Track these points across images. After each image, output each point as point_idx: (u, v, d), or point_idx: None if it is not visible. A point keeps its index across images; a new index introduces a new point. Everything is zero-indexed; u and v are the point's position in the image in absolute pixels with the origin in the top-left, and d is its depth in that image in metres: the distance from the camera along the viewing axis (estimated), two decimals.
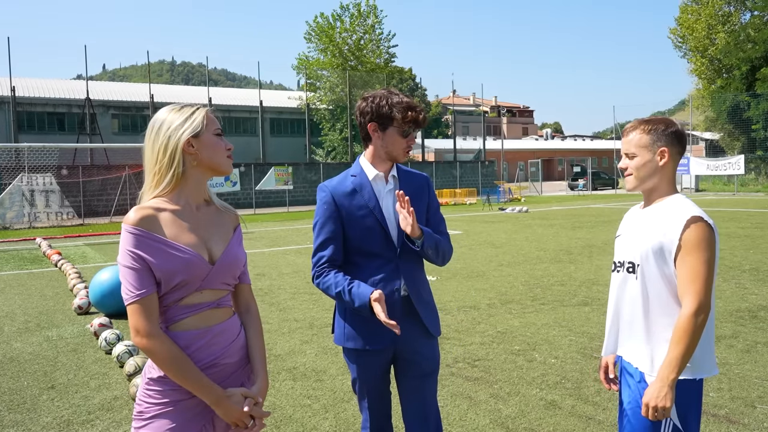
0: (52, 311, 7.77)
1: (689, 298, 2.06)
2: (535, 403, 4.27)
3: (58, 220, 23.70)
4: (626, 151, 2.27)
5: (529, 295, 7.86)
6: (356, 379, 2.60)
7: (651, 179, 2.25)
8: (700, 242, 2.08)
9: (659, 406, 2.06)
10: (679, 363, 2.06)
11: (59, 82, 44.22)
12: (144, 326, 1.80)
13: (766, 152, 37.13)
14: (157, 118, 1.94)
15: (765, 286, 7.98)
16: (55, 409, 4.43)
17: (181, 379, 1.83)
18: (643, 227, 2.23)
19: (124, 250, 1.83)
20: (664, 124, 2.24)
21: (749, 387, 4.44)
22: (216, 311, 1.95)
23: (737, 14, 41.52)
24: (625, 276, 2.28)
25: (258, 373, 2.03)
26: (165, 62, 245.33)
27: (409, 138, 2.51)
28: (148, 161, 1.93)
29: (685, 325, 2.05)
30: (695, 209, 2.14)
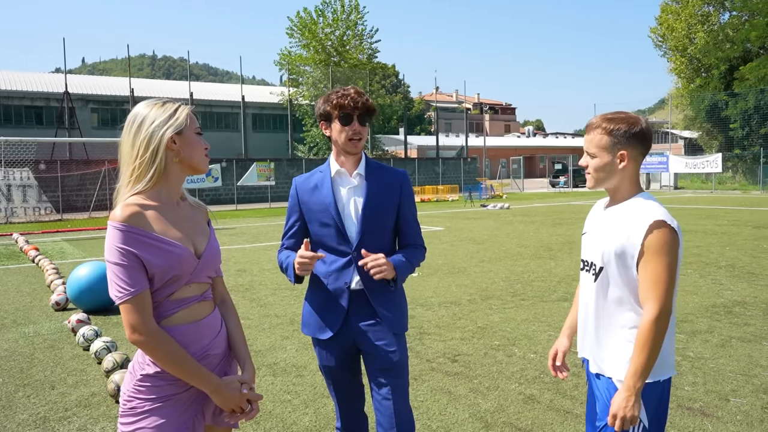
0: (28, 307, 7.67)
1: (651, 303, 2.03)
2: (514, 398, 4.31)
3: (36, 215, 23.36)
4: (587, 150, 2.22)
5: (509, 291, 7.91)
6: (320, 364, 2.70)
7: (610, 180, 2.20)
8: (663, 247, 2.03)
9: (627, 416, 2.03)
10: (643, 371, 2.04)
11: (37, 75, 43.54)
12: (141, 323, 1.80)
13: (743, 151, 37.72)
14: (139, 113, 1.93)
15: (740, 282, 8.12)
16: (31, 406, 4.38)
17: (181, 372, 1.85)
18: (606, 229, 2.18)
19: (114, 247, 1.80)
20: (627, 125, 2.15)
21: (723, 381, 4.51)
22: (202, 304, 1.99)
23: (716, 14, 42.02)
24: (589, 276, 2.25)
25: (245, 360, 2.08)
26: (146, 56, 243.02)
27: (350, 125, 2.50)
28: (126, 156, 1.92)
29: (648, 331, 2.02)
30: (659, 212, 2.08)
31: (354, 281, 2.53)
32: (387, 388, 2.57)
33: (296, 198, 2.63)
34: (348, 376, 2.68)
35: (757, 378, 4.54)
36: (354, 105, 2.48)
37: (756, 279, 8.28)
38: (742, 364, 4.85)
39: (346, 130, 2.50)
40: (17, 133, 31.06)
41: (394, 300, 2.60)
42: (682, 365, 4.87)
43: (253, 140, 41.90)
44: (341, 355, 2.62)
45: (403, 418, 2.58)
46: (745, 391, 4.31)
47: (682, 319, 6.21)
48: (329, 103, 2.52)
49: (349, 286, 2.53)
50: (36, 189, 23.64)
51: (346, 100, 2.48)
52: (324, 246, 2.58)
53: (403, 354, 2.62)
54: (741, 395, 4.23)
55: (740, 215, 18.34)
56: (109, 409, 4.28)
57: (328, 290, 2.56)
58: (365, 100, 2.51)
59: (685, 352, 5.18)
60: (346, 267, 2.54)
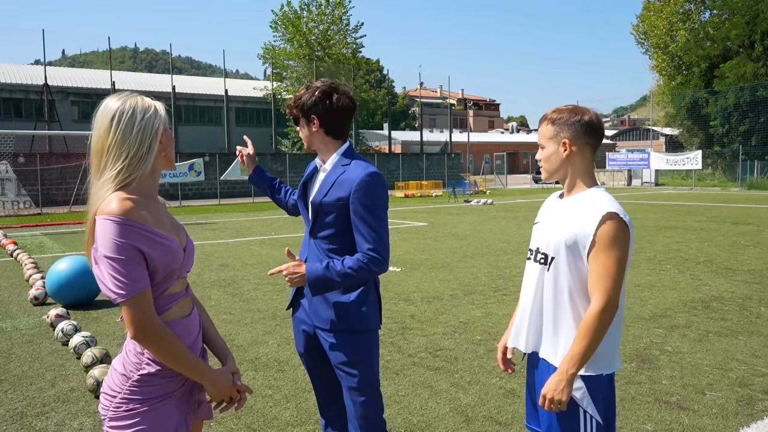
0: (6, 302, 7.57)
1: (597, 295, 2.04)
2: (495, 392, 4.33)
3: (15, 209, 23.06)
4: (539, 142, 2.24)
5: (491, 286, 7.96)
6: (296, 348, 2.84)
7: (559, 171, 2.22)
8: (614, 239, 2.03)
9: (555, 399, 2.05)
10: (580, 359, 2.04)
11: (16, 67, 42.83)
12: (149, 321, 1.75)
13: (723, 148, 38.21)
14: (125, 106, 1.84)
15: (718, 277, 8.23)
16: (8, 401, 4.33)
17: (184, 366, 1.84)
18: (559, 219, 2.18)
19: (113, 241, 1.71)
20: (569, 114, 2.16)
21: (700, 375, 4.58)
22: (187, 299, 1.99)
23: (697, 12, 42.46)
24: (538, 266, 2.23)
25: (226, 352, 2.10)
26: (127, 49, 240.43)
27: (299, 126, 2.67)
28: (114, 150, 1.81)
29: (591, 322, 2.03)
30: (612, 204, 2.07)
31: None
32: (344, 384, 2.62)
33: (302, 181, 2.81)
34: (319, 364, 2.72)
35: (733, 372, 4.62)
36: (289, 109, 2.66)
37: (733, 274, 8.40)
38: (718, 359, 4.93)
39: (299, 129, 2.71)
40: None
41: (333, 297, 2.54)
42: (660, 359, 4.93)
43: (236, 134, 41.59)
44: (306, 339, 2.71)
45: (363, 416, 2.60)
46: (721, 384, 4.38)
47: (660, 314, 6.29)
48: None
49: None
50: (15, 182, 23.35)
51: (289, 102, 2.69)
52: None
53: (354, 354, 2.56)
54: (717, 389, 4.30)
55: (719, 212, 18.59)
56: (87, 404, 4.24)
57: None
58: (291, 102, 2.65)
59: (663, 347, 5.25)
60: (304, 247, 2.70)
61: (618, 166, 38.70)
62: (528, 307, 2.28)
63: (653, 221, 15.78)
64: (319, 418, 3.88)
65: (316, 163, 2.72)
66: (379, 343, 2.72)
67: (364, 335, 2.59)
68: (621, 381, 4.41)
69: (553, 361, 2.18)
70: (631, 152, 40.13)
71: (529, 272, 2.31)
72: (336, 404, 2.77)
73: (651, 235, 12.89)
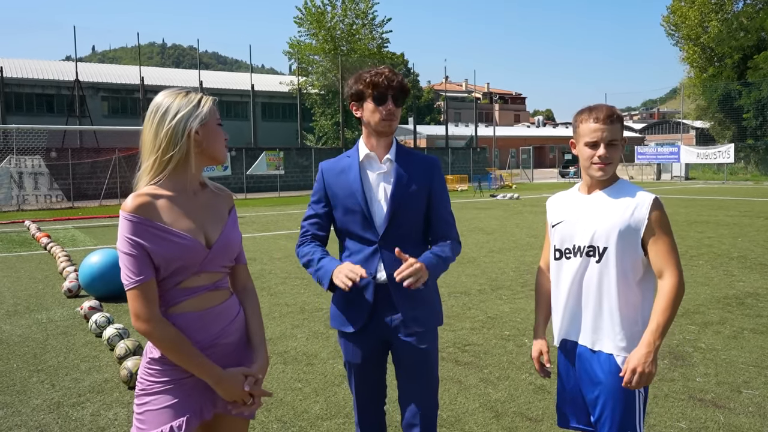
0: (41, 294, 7.74)
1: (670, 270, 2.17)
2: (525, 388, 4.30)
3: (47, 202, 23.54)
4: (611, 140, 2.22)
5: (519, 281, 7.90)
6: (345, 360, 2.62)
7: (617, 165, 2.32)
8: (666, 222, 2.21)
9: (646, 372, 2.11)
10: (663, 329, 2.13)
11: (48, 63, 43.64)
12: (144, 311, 1.84)
13: (756, 141, 37.34)
14: (163, 102, 1.93)
15: (752, 273, 8.06)
16: (45, 391, 4.43)
17: (182, 361, 1.88)
18: (604, 211, 2.24)
19: (123, 236, 1.85)
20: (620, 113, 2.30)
21: (735, 372, 4.49)
22: (214, 293, 1.99)
23: (730, 3, 41.50)
24: (579, 260, 2.28)
25: (257, 350, 2.07)
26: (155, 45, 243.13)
27: (384, 105, 2.41)
28: (148, 145, 1.92)
29: (671, 292, 2.14)
30: (649, 192, 2.24)
31: (379, 273, 2.43)
32: (416, 383, 2.50)
33: (322, 182, 2.53)
34: (372, 372, 2.58)
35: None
36: (388, 83, 2.40)
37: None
38: (754, 356, 4.83)
39: (380, 110, 2.40)
40: (28, 121, 31.15)
41: (424, 294, 2.47)
42: (693, 356, 4.85)
43: (262, 129, 41.89)
44: (368, 349, 2.52)
45: (430, 413, 2.53)
46: (757, 382, 4.29)
47: (693, 311, 6.18)
48: (362, 82, 2.42)
49: (375, 277, 2.43)
50: (47, 176, 23.81)
51: (380, 78, 2.39)
52: (348, 233, 2.50)
53: (434, 349, 2.54)
54: (753, 387, 4.21)
55: (752, 206, 18.19)
56: (122, 395, 4.31)
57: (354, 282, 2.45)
58: (400, 80, 2.43)
59: (696, 344, 5.16)
60: (371, 256, 2.44)
61: (647, 160, 38.08)
62: (571, 303, 2.33)
63: (684, 216, 15.51)
64: (348, 413, 3.90)
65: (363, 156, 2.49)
66: None
67: (437, 331, 2.60)
68: (654, 378, 4.34)
69: (606, 347, 2.24)
70: (660, 146, 39.45)
71: (567, 270, 2.33)
72: (378, 411, 2.67)
73: (682, 230, 12.67)
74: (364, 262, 2.45)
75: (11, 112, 36.65)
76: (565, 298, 2.34)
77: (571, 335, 2.34)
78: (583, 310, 2.28)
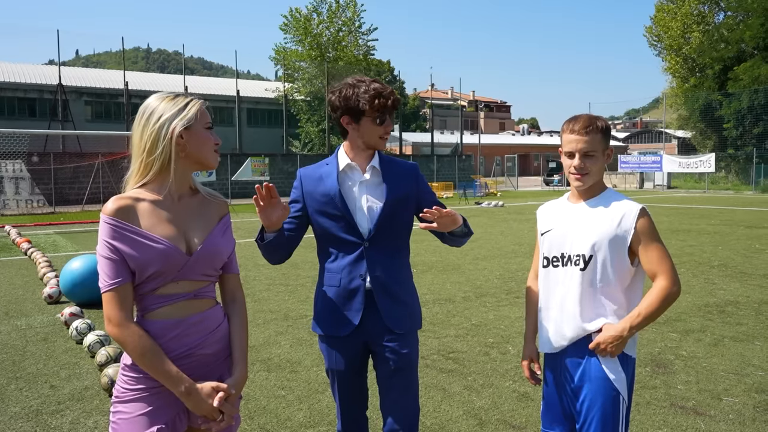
0: (21, 300, 7.63)
1: (664, 274, 2.20)
2: (508, 395, 4.31)
3: (28, 207, 23.26)
4: (586, 151, 2.25)
5: (503, 289, 7.93)
6: (327, 367, 2.60)
7: (598, 177, 2.33)
8: (653, 229, 2.24)
9: (608, 350, 2.19)
10: (643, 320, 2.19)
11: (30, 66, 43.21)
12: (116, 315, 1.82)
13: (736, 151, 37.82)
14: (149, 105, 1.92)
15: (733, 281, 8.15)
16: (23, 398, 4.36)
17: (149, 369, 1.83)
18: (589, 220, 2.28)
19: (101, 240, 1.84)
20: (606, 123, 2.32)
21: (716, 380, 4.53)
22: (193, 302, 1.94)
23: (711, 14, 42.10)
24: (565, 270, 2.31)
25: (236, 364, 2.00)
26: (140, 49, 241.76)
27: (385, 124, 2.46)
28: (135, 148, 1.92)
29: (662, 291, 2.18)
30: (634, 202, 2.28)
31: (366, 278, 2.46)
32: (398, 388, 2.51)
33: (300, 189, 2.55)
34: (355, 378, 2.59)
35: (750, 377, 4.57)
36: (392, 104, 2.44)
37: (748, 279, 8.32)
38: (734, 364, 4.88)
39: (381, 128, 2.46)
40: (10, 125, 30.79)
41: (399, 297, 2.52)
42: (675, 364, 4.89)
43: (247, 135, 41.73)
44: (352, 355, 2.53)
45: (412, 418, 2.56)
46: (737, 390, 4.33)
47: (675, 318, 6.24)
48: (362, 100, 2.41)
49: (365, 279, 2.46)
50: (29, 181, 23.54)
51: (383, 99, 2.41)
52: (333, 238, 2.50)
53: (416, 353, 2.57)
54: (733, 394, 4.25)
55: (733, 215, 18.43)
56: (102, 402, 4.26)
57: (342, 286, 2.48)
58: (397, 98, 2.47)
59: (678, 351, 5.21)
60: (358, 260, 2.46)
61: (630, 169, 38.48)
62: (557, 311, 2.35)
63: (666, 224, 15.67)
64: (331, 420, 3.88)
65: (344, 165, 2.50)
66: None
67: (417, 334, 2.62)
68: (636, 385, 4.35)
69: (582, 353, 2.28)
70: (643, 155, 39.87)
71: (555, 278, 2.36)
72: (361, 417, 2.66)
73: (664, 238, 12.68)
74: (351, 265, 2.47)
75: None
76: (552, 305, 2.36)
77: (557, 342, 2.35)
78: (569, 317, 2.30)
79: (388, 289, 2.49)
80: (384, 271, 2.49)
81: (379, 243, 2.48)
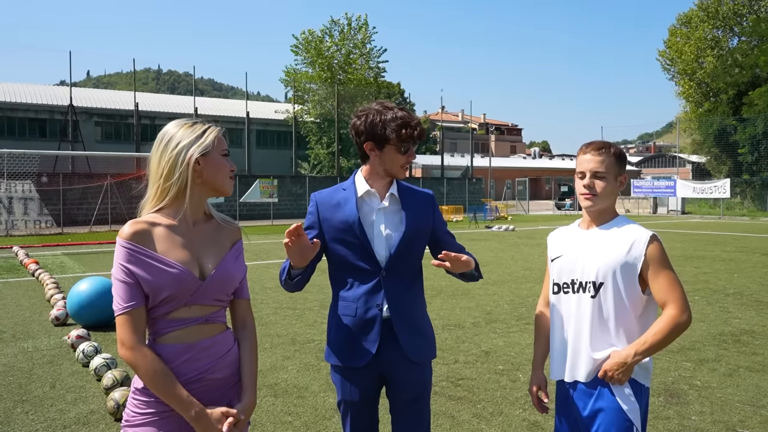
0: (28, 322, 7.62)
1: (674, 303, 2.17)
2: (518, 424, 4.22)
3: (37, 228, 23.34)
4: (596, 170, 2.27)
5: (514, 315, 7.83)
6: (340, 398, 2.55)
7: (609, 202, 2.31)
8: (664, 256, 2.22)
9: (615, 377, 2.17)
10: (650, 347, 2.15)
11: (42, 87, 43.74)
12: (128, 339, 1.83)
13: (752, 176, 37.50)
14: (167, 132, 1.97)
15: (749, 310, 8.02)
16: (29, 422, 4.32)
17: (160, 393, 1.85)
18: (600, 247, 2.27)
19: (116, 263, 1.86)
20: (620, 150, 2.32)
21: (731, 411, 4.43)
22: (204, 326, 1.96)
23: (725, 39, 42.10)
24: (576, 296, 2.29)
25: (246, 390, 2.02)
26: (151, 70, 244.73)
27: (408, 154, 2.45)
28: (153, 173, 1.95)
29: (671, 321, 2.15)
30: (645, 229, 2.27)
31: (385, 306, 2.43)
32: (413, 417, 2.48)
33: (316, 214, 2.50)
34: (368, 409, 2.53)
35: (765, 409, 4.46)
36: (419, 135, 2.43)
37: (765, 307, 8.18)
38: (750, 395, 4.77)
39: (404, 158, 2.44)
40: (20, 146, 31.09)
41: (417, 326, 2.49)
42: (689, 394, 4.78)
43: (256, 157, 41.97)
44: (367, 386, 2.49)
45: None
46: (753, 422, 4.22)
47: (689, 347, 6.12)
48: (389, 128, 2.39)
49: (382, 309, 2.42)
50: (37, 202, 23.65)
51: (414, 131, 2.40)
52: (349, 267, 2.46)
53: (430, 382, 2.54)
54: (749, 426, 4.15)
55: (749, 242, 18.22)
56: (108, 427, 4.21)
57: (358, 315, 2.43)
58: (423, 128, 2.46)
59: (692, 381, 5.10)
60: (375, 290, 2.43)
61: (643, 194, 38.24)
62: (569, 339, 2.32)
63: (680, 251, 15.52)
64: None
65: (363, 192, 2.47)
66: None
67: (431, 364, 2.59)
68: (649, 415, 4.26)
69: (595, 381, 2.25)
70: (656, 179, 39.67)
71: (565, 305, 2.35)
72: None
73: (678, 265, 12.65)
74: (366, 295, 2.43)
75: (3, 136, 36.68)
76: (563, 332, 2.34)
77: (568, 370, 2.31)
78: (580, 345, 2.27)
79: (407, 319, 2.46)
80: (402, 300, 2.46)
81: (396, 272, 2.45)
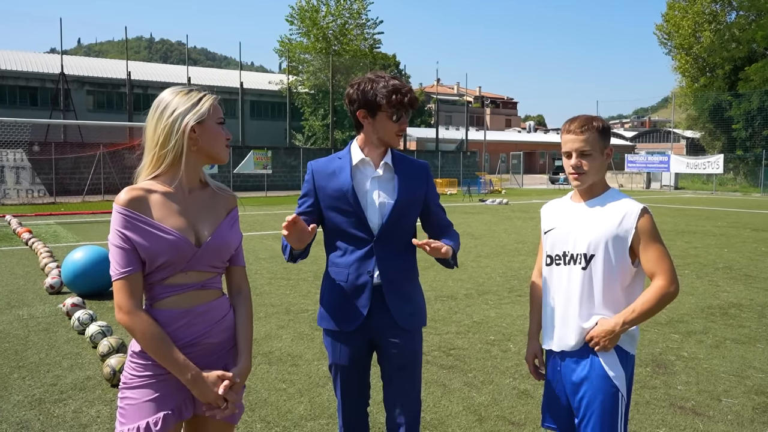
0: (22, 290, 7.65)
1: (663, 274, 2.22)
2: (508, 392, 4.32)
3: (29, 197, 23.23)
4: (582, 149, 2.27)
5: (506, 287, 7.93)
6: (331, 362, 2.61)
7: (597, 176, 2.33)
8: (654, 229, 2.26)
9: (601, 344, 2.23)
10: (638, 316, 2.21)
11: (32, 55, 43.15)
12: (126, 303, 1.87)
13: (745, 152, 37.54)
14: (163, 99, 1.97)
15: (737, 284, 8.14)
16: (26, 387, 4.38)
17: (157, 356, 1.89)
18: (592, 219, 2.30)
19: (113, 229, 1.89)
20: (604, 123, 2.33)
21: (716, 381, 4.53)
22: (200, 292, 1.99)
23: (723, 13, 41.73)
24: (568, 268, 2.34)
25: (241, 354, 2.07)
26: (143, 39, 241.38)
27: (401, 122, 2.47)
28: (148, 141, 1.96)
29: (659, 290, 2.21)
30: (637, 202, 2.30)
31: (376, 273, 2.47)
32: (403, 383, 2.54)
33: (312, 183, 2.54)
34: (358, 374, 2.60)
35: (750, 379, 4.57)
36: (410, 103, 2.44)
37: (753, 281, 8.30)
38: (735, 365, 4.87)
39: (396, 125, 2.46)
40: (11, 114, 30.73)
41: (408, 293, 2.55)
42: (676, 365, 4.89)
43: (250, 128, 41.71)
44: (357, 350, 2.54)
45: (415, 412, 2.59)
46: (737, 391, 4.33)
47: (677, 320, 6.23)
48: (380, 95, 2.41)
49: (372, 275, 2.46)
50: (29, 171, 23.50)
51: (402, 96, 2.41)
52: (342, 234, 2.51)
53: (420, 350, 2.59)
54: (733, 395, 4.25)
55: (740, 217, 18.37)
56: (104, 392, 4.28)
57: (350, 281, 2.48)
58: (416, 96, 2.48)
59: (679, 352, 5.20)
60: (367, 257, 2.47)
61: (637, 168, 38.32)
62: (559, 309, 2.37)
63: (672, 225, 15.64)
64: (332, 414, 3.89)
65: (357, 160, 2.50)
66: None
67: (422, 332, 2.64)
68: (636, 385, 4.37)
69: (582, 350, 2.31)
70: (650, 154, 39.71)
71: (557, 276, 2.39)
72: (362, 413, 2.67)
73: (669, 239, 12.76)
74: (360, 261, 2.48)
75: None
76: (555, 303, 2.39)
77: (558, 339, 2.37)
78: (570, 315, 2.33)
79: (397, 286, 2.51)
80: (393, 267, 2.50)
81: (388, 240, 2.49)
